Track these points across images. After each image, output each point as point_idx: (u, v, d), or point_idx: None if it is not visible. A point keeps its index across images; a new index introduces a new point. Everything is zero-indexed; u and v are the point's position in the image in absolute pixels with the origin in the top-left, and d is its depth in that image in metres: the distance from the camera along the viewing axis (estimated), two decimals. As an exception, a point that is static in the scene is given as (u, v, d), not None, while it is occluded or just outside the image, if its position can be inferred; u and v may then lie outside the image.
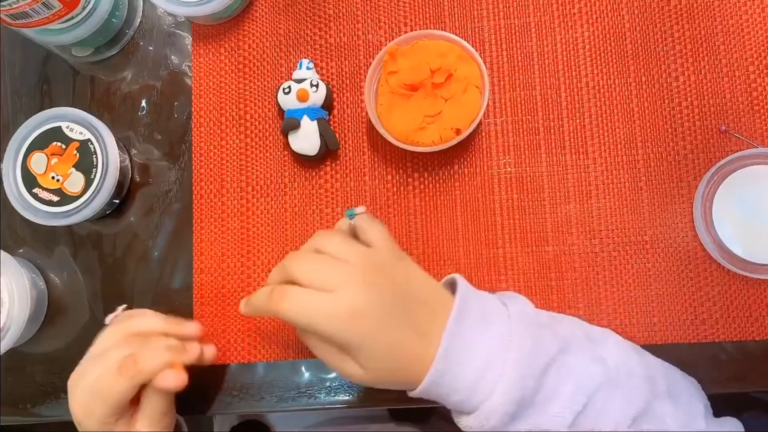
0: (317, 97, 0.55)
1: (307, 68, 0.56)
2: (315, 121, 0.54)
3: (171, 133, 0.59)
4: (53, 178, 0.54)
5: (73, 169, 0.54)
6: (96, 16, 0.56)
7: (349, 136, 0.57)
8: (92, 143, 0.54)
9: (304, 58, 0.57)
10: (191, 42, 0.60)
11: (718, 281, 0.52)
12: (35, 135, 0.55)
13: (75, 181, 0.54)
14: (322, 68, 0.58)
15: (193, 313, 0.56)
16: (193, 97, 0.59)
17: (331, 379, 0.54)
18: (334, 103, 0.57)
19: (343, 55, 0.58)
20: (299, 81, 0.55)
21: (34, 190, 0.54)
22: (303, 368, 0.55)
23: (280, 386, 0.55)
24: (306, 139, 0.54)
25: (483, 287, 0.53)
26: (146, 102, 0.59)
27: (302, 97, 0.54)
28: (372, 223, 0.47)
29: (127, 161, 0.58)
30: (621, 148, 0.54)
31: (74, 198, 0.54)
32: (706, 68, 0.54)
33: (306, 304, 0.42)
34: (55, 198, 0.54)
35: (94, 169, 0.54)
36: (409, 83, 0.51)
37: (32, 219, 0.54)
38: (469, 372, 0.41)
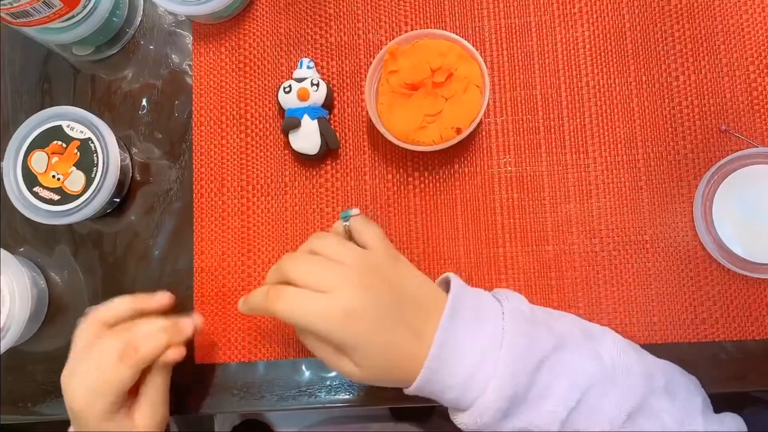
0: (318, 96, 0.55)
1: (308, 67, 0.56)
2: (315, 120, 0.54)
3: (171, 132, 0.59)
4: (54, 176, 0.54)
5: (73, 168, 0.54)
6: (97, 15, 0.56)
7: (350, 135, 0.57)
8: (93, 142, 0.54)
9: (305, 57, 0.57)
10: (192, 41, 0.60)
11: (718, 281, 0.52)
12: (36, 134, 0.55)
13: (75, 180, 0.54)
14: (322, 67, 0.58)
15: (193, 312, 0.56)
16: (193, 96, 0.59)
17: (332, 377, 0.54)
18: (335, 102, 0.57)
19: (344, 54, 0.58)
20: (300, 80, 0.55)
21: (35, 189, 0.54)
22: (303, 367, 0.55)
23: (280, 385, 0.55)
24: (306, 138, 0.55)
25: (483, 286, 0.53)
26: (147, 101, 0.59)
27: (303, 96, 0.54)
28: (367, 225, 0.48)
29: (128, 160, 0.58)
30: (621, 148, 0.54)
31: (75, 197, 0.54)
32: (707, 68, 0.54)
33: (301, 304, 0.42)
34: (56, 197, 0.54)
35: (95, 168, 0.54)
36: (410, 82, 0.51)
37: (33, 218, 0.54)
38: (462, 369, 0.42)
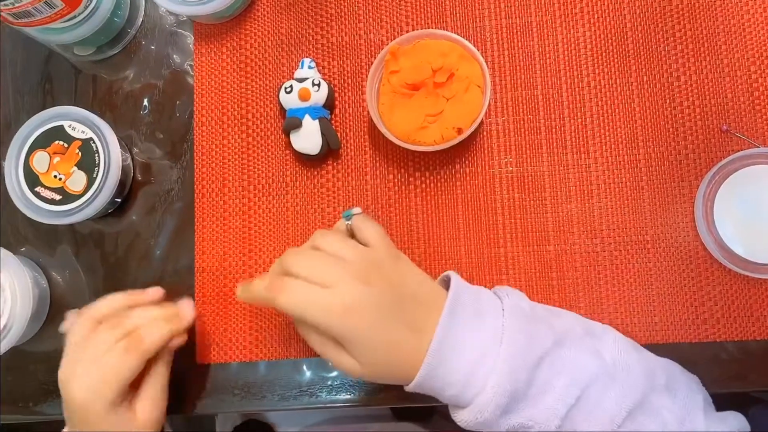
0: (319, 96, 0.55)
1: (309, 67, 0.56)
2: (317, 121, 0.54)
3: (173, 132, 0.59)
4: (55, 176, 0.54)
5: (75, 168, 0.54)
6: (98, 15, 0.56)
7: (351, 135, 0.57)
8: (94, 142, 0.54)
9: (306, 58, 0.57)
10: (193, 41, 0.60)
11: (720, 281, 0.52)
12: (37, 134, 0.55)
13: (77, 180, 0.54)
14: (323, 67, 0.58)
15: (194, 311, 0.56)
16: (194, 96, 0.59)
17: (333, 377, 0.54)
18: (336, 103, 0.57)
19: (345, 54, 0.58)
20: (301, 80, 0.55)
21: (37, 189, 0.54)
22: (304, 367, 0.55)
23: (281, 385, 0.55)
24: (308, 139, 0.55)
25: (484, 286, 0.53)
26: (148, 101, 0.59)
27: (304, 96, 0.54)
28: (368, 224, 0.48)
29: (129, 160, 0.58)
30: (622, 148, 0.54)
31: (76, 197, 0.54)
32: (708, 68, 0.54)
33: (303, 297, 0.42)
34: (58, 197, 0.54)
35: (96, 168, 0.54)
36: (411, 82, 0.51)
37: (34, 218, 0.54)
38: (462, 366, 0.42)
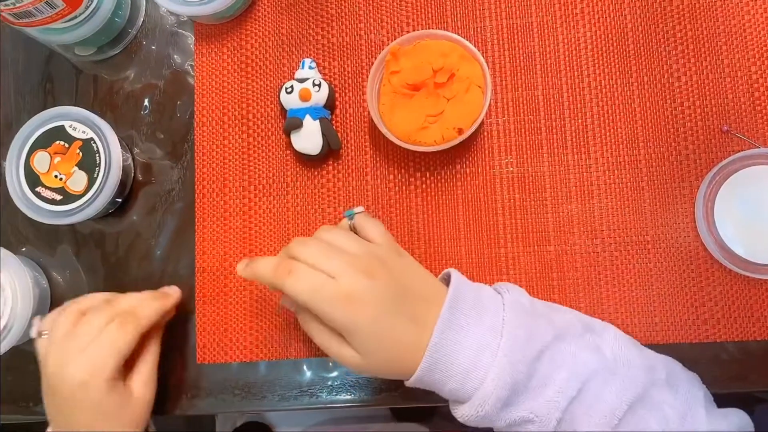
0: (319, 96, 0.55)
1: (310, 68, 0.56)
2: (317, 121, 0.54)
3: (173, 132, 0.59)
4: (56, 176, 0.54)
5: (76, 168, 0.54)
6: (99, 15, 0.56)
7: (352, 135, 0.57)
8: (95, 142, 0.54)
9: (307, 58, 0.57)
10: (194, 41, 0.60)
11: (720, 281, 0.52)
12: (38, 134, 0.55)
13: (78, 180, 0.54)
14: (324, 68, 0.58)
15: (195, 311, 0.56)
16: (195, 97, 0.59)
17: (333, 378, 0.54)
18: (337, 103, 0.57)
19: (346, 54, 0.58)
20: (302, 80, 0.55)
21: (37, 189, 0.54)
22: (305, 367, 0.55)
23: (282, 385, 0.55)
24: (308, 139, 0.55)
25: (485, 287, 0.53)
26: (149, 101, 0.59)
27: (305, 96, 0.54)
28: (371, 222, 0.49)
29: (130, 160, 0.58)
30: (623, 148, 0.54)
31: (77, 197, 0.54)
32: (708, 68, 0.54)
33: (310, 282, 0.43)
34: (58, 197, 0.54)
35: (97, 168, 0.54)
36: (412, 83, 0.51)
37: (35, 218, 0.54)
38: (462, 359, 0.42)
